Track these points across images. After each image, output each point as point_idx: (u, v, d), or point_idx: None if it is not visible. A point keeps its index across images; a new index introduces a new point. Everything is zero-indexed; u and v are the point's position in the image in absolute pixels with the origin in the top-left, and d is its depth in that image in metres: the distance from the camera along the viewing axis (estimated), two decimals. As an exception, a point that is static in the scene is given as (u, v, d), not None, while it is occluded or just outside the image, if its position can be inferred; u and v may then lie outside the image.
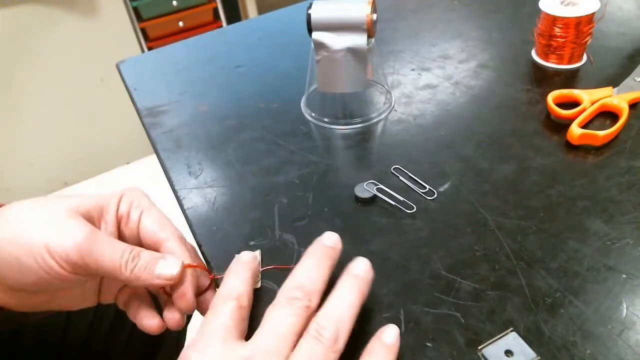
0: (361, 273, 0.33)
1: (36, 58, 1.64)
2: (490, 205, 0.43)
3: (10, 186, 1.84)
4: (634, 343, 0.32)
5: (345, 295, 0.31)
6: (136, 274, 0.35)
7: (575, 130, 0.47)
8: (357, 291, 0.32)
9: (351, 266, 0.33)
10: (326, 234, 0.35)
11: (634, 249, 0.38)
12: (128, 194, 0.39)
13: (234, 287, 0.34)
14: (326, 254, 0.34)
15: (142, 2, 1.74)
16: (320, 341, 0.29)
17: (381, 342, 0.31)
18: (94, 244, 0.34)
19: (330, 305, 0.31)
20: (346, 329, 0.30)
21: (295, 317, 0.30)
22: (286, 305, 0.31)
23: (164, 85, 0.65)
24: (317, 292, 0.32)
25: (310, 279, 0.32)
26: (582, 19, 0.54)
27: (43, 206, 0.35)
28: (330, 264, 0.34)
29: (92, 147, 1.91)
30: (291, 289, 0.32)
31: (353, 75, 0.52)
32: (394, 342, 0.31)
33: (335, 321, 0.30)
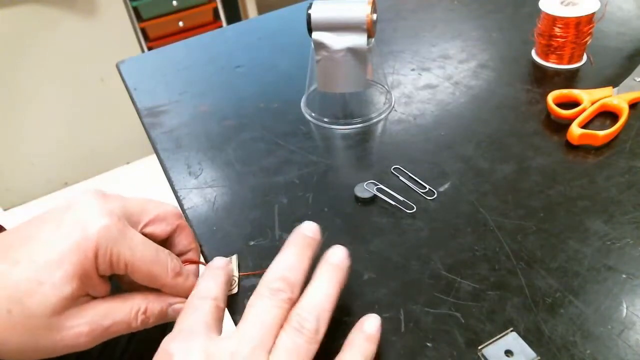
0: (338, 261, 0.33)
1: (36, 58, 1.64)
2: (490, 205, 0.43)
3: (10, 186, 1.84)
4: (634, 343, 0.32)
5: (323, 285, 0.32)
6: (149, 327, 0.35)
7: (575, 130, 0.47)
8: (335, 281, 0.32)
9: (328, 255, 0.34)
10: (305, 223, 0.35)
11: (634, 249, 0.38)
12: (104, 248, 0.31)
13: (210, 288, 0.34)
14: (307, 244, 0.34)
15: (142, 2, 1.74)
16: (301, 332, 0.29)
17: (362, 332, 0.31)
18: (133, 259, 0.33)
19: (310, 295, 0.31)
20: (326, 319, 0.31)
21: (278, 309, 0.31)
22: (270, 296, 0.31)
23: (164, 85, 0.65)
24: (298, 283, 0.32)
25: (292, 271, 0.32)
26: (582, 19, 0.54)
27: None
28: (310, 254, 0.34)
29: (92, 147, 1.91)
30: (274, 280, 0.32)
31: (353, 75, 0.52)
32: (375, 332, 0.31)
33: (316, 312, 0.30)
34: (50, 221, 0.32)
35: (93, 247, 0.31)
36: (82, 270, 0.31)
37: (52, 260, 0.30)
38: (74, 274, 0.30)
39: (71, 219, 0.32)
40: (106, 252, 0.31)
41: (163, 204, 0.38)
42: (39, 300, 0.30)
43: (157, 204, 0.37)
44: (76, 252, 0.31)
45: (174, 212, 0.38)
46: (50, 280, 0.30)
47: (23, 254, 0.31)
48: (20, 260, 0.30)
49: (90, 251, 0.31)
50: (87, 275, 0.31)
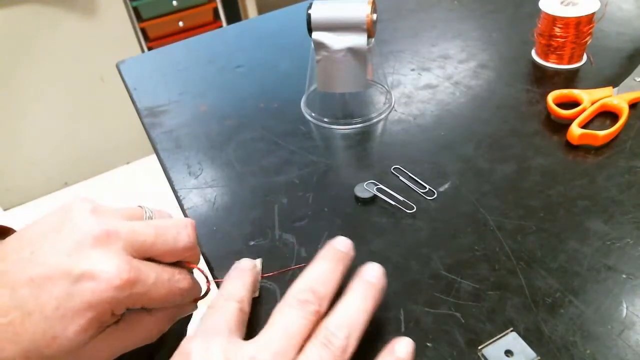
0: (374, 279, 0.32)
1: (36, 58, 1.64)
2: (490, 205, 0.43)
3: (10, 186, 1.84)
4: (634, 343, 0.32)
5: (356, 302, 0.30)
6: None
7: (575, 130, 0.47)
8: (370, 298, 0.31)
9: (363, 271, 0.32)
10: (339, 238, 0.34)
11: (634, 249, 0.38)
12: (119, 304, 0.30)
13: (236, 290, 0.33)
14: (340, 259, 0.33)
15: (142, 2, 1.74)
16: (329, 348, 0.28)
17: (393, 355, 0.30)
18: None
19: (341, 311, 0.30)
20: (356, 337, 0.29)
21: (305, 320, 0.29)
22: (297, 306, 0.30)
23: (164, 85, 0.65)
24: (328, 297, 0.31)
25: (323, 283, 0.31)
26: (582, 19, 0.54)
27: None
28: (342, 269, 0.33)
29: (92, 147, 1.91)
30: (303, 290, 0.31)
31: (353, 75, 0.52)
32: (407, 356, 0.30)
33: (346, 329, 0.29)
34: (53, 264, 0.30)
35: (107, 307, 0.30)
36: (97, 323, 0.30)
37: (65, 316, 0.29)
38: (89, 326, 0.30)
39: (78, 268, 0.29)
40: (120, 305, 0.31)
41: (175, 236, 0.34)
42: (56, 350, 0.29)
43: (167, 236, 0.34)
44: (89, 310, 0.29)
45: (185, 246, 0.34)
46: (65, 335, 0.29)
47: (33, 303, 0.29)
48: (32, 312, 0.29)
49: (104, 309, 0.30)
50: (101, 322, 0.30)
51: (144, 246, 0.32)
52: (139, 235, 0.32)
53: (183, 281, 0.34)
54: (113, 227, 0.31)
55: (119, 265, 0.30)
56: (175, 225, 0.34)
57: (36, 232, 0.32)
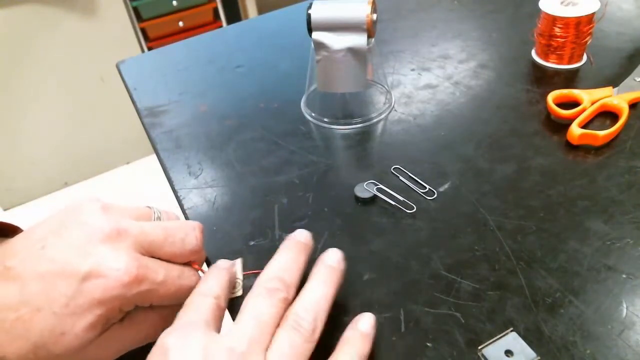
0: (334, 263, 0.34)
1: (36, 58, 1.64)
2: (490, 205, 0.43)
3: (10, 186, 1.84)
4: (634, 343, 0.32)
5: (320, 286, 0.32)
6: None
7: (575, 130, 0.47)
8: (332, 282, 0.33)
9: (324, 257, 0.34)
10: (298, 231, 0.36)
11: (634, 249, 0.38)
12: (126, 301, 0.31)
13: (212, 287, 0.34)
14: (301, 249, 0.35)
15: (142, 2, 1.74)
16: (299, 331, 0.30)
17: (357, 330, 0.32)
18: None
19: (307, 296, 0.32)
20: (322, 319, 0.31)
21: (275, 308, 0.31)
22: (266, 295, 0.31)
23: (164, 85, 0.65)
24: (294, 285, 0.33)
25: (288, 272, 0.33)
26: (582, 19, 0.54)
27: None
28: (304, 259, 0.34)
29: (92, 147, 1.91)
30: (270, 280, 0.32)
31: (353, 75, 0.52)
32: (369, 330, 0.32)
33: (313, 312, 0.31)
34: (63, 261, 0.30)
35: (115, 304, 0.30)
36: (105, 319, 0.31)
37: (74, 313, 0.29)
38: (97, 323, 0.30)
39: (87, 265, 0.30)
40: (129, 302, 0.31)
41: (183, 238, 0.34)
42: (63, 347, 0.30)
43: (175, 238, 0.34)
44: (97, 307, 0.30)
45: (192, 249, 0.35)
46: (73, 332, 0.29)
47: (42, 299, 0.29)
48: (41, 308, 0.29)
49: (112, 306, 0.30)
50: (109, 319, 0.31)
51: (152, 246, 0.33)
52: (148, 235, 0.33)
53: (191, 278, 0.35)
54: (123, 226, 0.32)
55: (128, 262, 0.30)
56: (184, 228, 0.35)
57: (46, 229, 0.32)
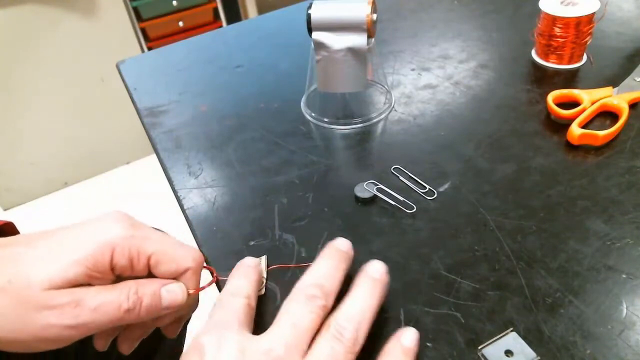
0: (378, 275, 0.33)
1: (36, 58, 1.64)
2: (490, 205, 0.43)
3: (10, 186, 1.84)
4: (634, 343, 0.32)
5: (364, 297, 0.31)
6: (143, 314, 0.33)
7: (575, 130, 0.47)
8: (375, 293, 0.32)
9: (367, 268, 0.33)
10: (339, 239, 0.35)
11: (634, 249, 0.38)
12: (121, 245, 0.33)
13: (242, 286, 0.34)
14: (342, 258, 0.34)
15: (142, 2, 1.74)
16: (340, 341, 0.29)
17: (400, 344, 0.30)
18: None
19: (350, 305, 0.31)
20: (365, 330, 0.30)
21: (314, 315, 0.30)
22: (306, 301, 0.31)
23: (164, 85, 0.65)
24: (333, 293, 0.32)
25: (328, 280, 0.32)
26: (582, 19, 0.54)
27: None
28: (345, 268, 0.34)
29: (92, 147, 1.91)
30: (310, 286, 0.31)
31: (353, 75, 0.52)
32: (413, 345, 0.30)
33: (356, 322, 0.30)
34: (72, 227, 0.34)
35: (110, 247, 0.32)
36: (93, 262, 0.32)
37: (67, 249, 0.32)
38: (83, 261, 0.31)
39: (91, 224, 0.34)
40: (124, 250, 0.32)
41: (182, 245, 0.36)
42: (41, 274, 0.31)
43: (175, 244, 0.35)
44: (91, 247, 0.32)
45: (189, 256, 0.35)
46: (59, 263, 0.31)
47: (42, 243, 0.32)
48: (38, 246, 0.32)
49: (107, 250, 0.32)
50: (96, 268, 0.32)
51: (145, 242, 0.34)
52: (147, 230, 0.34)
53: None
54: None
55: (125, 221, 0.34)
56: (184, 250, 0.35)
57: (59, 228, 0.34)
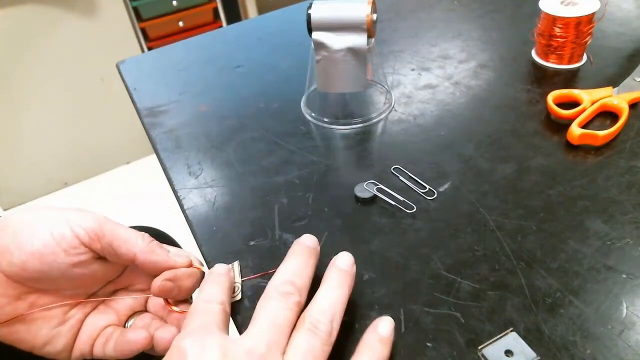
0: (346, 267, 0.34)
1: (36, 58, 1.64)
2: (490, 205, 0.43)
3: (10, 186, 1.84)
4: (634, 343, 0.32)
5: (334, 290, 0.32)
6: (152, 247, 0.36)
7: (575, 130, 0.47)
8: (345, 285, 0.33)
9: (335, 260, 0.34)
10: (305, 236, 0.36)
11: (634, 249, 0.38)
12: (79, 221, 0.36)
13: (215, 293, 0.34)
14: (310, 253, 0.35)
15: (142, 2, 1.74)
16: (316, 334, 0.30)
17: (376, 334, 0.32)
18: (110, 221, 0.36)
19: (322, 299, 0.32)
20: (338, 321, 0.31)
21: (289, 311, 0.31)
22: (280, 298, 0.31)
23: (164, 85, 0.65)
24: (306, 288, 0.33)
25: (299, 276, 0.33)
26: (582, 19, 0.54)
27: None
28: (313, 263, 0.35)
29: (92, 147, 1.91)
30: (283, 283, 0.32)
31: (353, 75, 0.52)
32: (389, 334, 0.32)
33: (329, 315, 0.31)
34: None
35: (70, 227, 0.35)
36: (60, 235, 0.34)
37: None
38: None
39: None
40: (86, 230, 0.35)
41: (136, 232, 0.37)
42: None
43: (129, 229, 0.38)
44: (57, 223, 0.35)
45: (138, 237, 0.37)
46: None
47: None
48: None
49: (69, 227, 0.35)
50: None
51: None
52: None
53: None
54: None
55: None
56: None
57: None
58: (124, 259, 0.36)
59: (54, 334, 0.35)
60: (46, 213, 0.36)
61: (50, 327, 0.35)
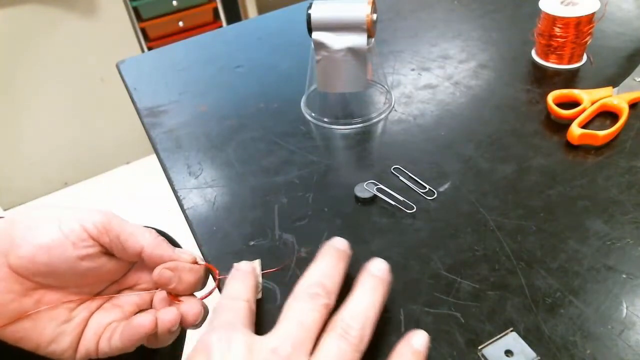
0: (381, 274, 0.33)
1: (36, 58, 1.64)
2: (490, 205, 0.43)
3: (10, 186, 1.84)
4: (634, 343, 0.32)
5: (368, 295, 0.31)
6: (159, 241, 0.36)
7: (575, 130, 0.47)
8: (379, 291, 0.32)
9: (370, 266, 0.33)
10: (336, 239, 0.35)
11: (634, 249, 0.38)
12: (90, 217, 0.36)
13: (241, 291, 0.34)
14: (340, 256, 0.34)
15: (142, 2, 1.74)
16: (346, 339, 0.29)
17: (410, 346, 0.30)
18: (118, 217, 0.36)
19: (354, 304, 0.31)
20: (370, 328, 0.30)
21: (317, 313, 0.30)
22: (308, 300, 0.31)
23: (164, 85, 0.65)
24: (335, 291, 0.32)
25: (329, 278, 0.32)
26: (582, 19, 0.54)
27: None
28: (344, 266, 0.34)
29: (92, 147, 1.91)
30: (312, 285, 0.31)
31: (353, 75, 0.52)
32: (423, 348, 0.30)
33: (361, 320, 0.30)
34: None
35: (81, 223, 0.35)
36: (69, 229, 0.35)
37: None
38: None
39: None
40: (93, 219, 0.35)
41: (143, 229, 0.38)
42: None
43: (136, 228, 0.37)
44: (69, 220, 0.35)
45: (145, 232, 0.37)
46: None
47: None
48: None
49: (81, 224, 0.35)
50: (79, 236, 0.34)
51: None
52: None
53: None
54: None
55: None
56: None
57: None
58: (131, 253, 0.36)
59: (59, 331, 0.35)
60: (55, 210, 0.36)
61: (56, 324, 0.35)
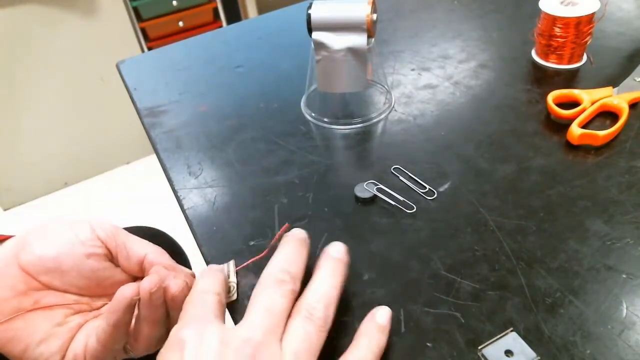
0: (339, 255, 0.34)
1: (36, 58, 1.64)
2: (490, 205, 0.43)
3: (10, 186, 1.84)
4: (634, 343, 0.32)
5: (328, 277, 0.33)
6: (162, 251, 0.38)
7: (575, 130, 0.47)
8: (339, 273, 0.33)
9: (329, 249, 0.35)
10: (294, 230, 0.37)
11: (634, 249, 0.38)
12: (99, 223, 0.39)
13: (211, 284, 0.34)
14: (301, 244, 0.35)
15: (142, 2, 1.74)
16: (312, 321, 0.30)
17: (374, 322, 0.32)
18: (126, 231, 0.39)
19: (317, 286, 0.32)
20: (333, 308, 0.32)
21: (285, 299, 0.31)
22: (275, 286, 0.32)
23: (164, 85, 0.65)
24: (299, 277, 0.33)
25: (293, 265, 0.33)
26: (582, 19, 0.54)
27: None
28: (306, 253, 0.35)
29: (92, 147, 1.91)
30: (277, 272, 0.33)
31: (353, 75, 0.52)
32: (386, 322, 0.32)
33: (324, 302, 0.31)
34: None
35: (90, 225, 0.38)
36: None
37: None
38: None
39: None
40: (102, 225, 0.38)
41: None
42: None
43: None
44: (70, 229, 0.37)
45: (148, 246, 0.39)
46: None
47: None
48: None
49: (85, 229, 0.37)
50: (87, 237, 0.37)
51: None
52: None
53: None
54: None
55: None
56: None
57: None
58: (134, 259, 0.37)
59: (51, 332, 0.35)
60: (68, 219, 0.38)
61: (50, 325, 0.35)
